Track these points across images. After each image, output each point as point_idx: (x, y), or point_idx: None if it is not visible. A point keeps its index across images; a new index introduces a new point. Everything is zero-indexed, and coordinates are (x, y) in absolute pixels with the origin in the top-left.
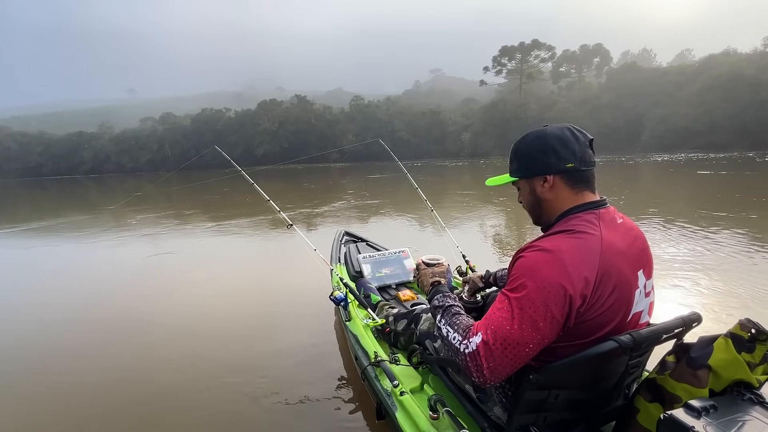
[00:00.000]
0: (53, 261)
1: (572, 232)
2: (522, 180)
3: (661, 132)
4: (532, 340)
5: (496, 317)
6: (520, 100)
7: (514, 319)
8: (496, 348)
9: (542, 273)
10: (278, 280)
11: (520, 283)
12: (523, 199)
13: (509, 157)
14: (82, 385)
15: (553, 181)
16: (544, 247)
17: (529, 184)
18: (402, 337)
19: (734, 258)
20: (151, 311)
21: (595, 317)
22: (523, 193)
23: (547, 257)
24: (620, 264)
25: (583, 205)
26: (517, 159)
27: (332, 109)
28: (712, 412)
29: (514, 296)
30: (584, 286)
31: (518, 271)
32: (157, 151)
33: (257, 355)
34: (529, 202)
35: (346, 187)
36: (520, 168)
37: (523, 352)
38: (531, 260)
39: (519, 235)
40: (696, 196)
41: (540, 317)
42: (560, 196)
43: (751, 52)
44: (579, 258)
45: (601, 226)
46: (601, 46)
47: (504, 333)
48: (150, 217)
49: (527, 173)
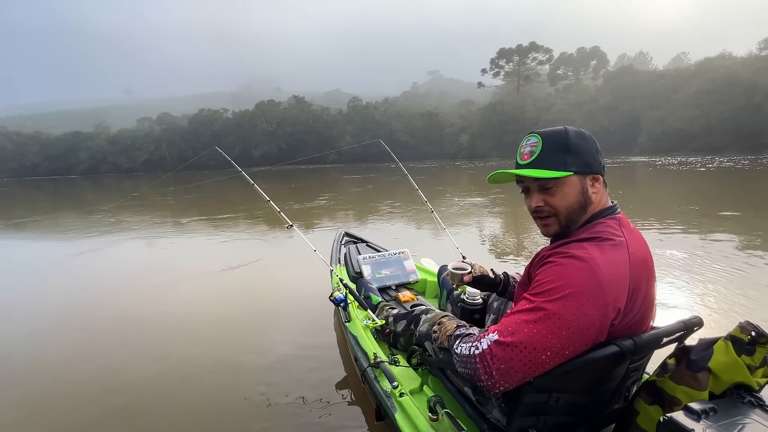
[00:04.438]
0: (54, 260)
1: (600, 239)
2: (574, 176)
3: (657, 134)
4: (550, 348)
5: (515, 319)
6: (518, 102)
7: (536, 323)
8: (512, 349)
9: (574, 282)
10: (278, 281)
11: (548, 288)
12: (563, 201)
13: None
14: (72, 388)
15: (601, 182)
16: (576, 254)
17: (581, 182)
18: (402, 338)
19: (734, 258)
20: (146, 311)
21: (626, 327)
22: (567, 192)
23: (581, 267)
24: (645, 272)
25: (606, 210)
26: (571, 152)
27: (330, 111)
28: (711, 414)
29: (539, 300)
30: (618, 299)
31: (547, 276)
32: (154, 151)
33: (256, 356)
34: (574, 204)
35: (345, 188)
36: (576, 161)
37: (539, 359)
38: (562, 267)
39: (518, 236)
40: (693, 197)
41: (564, 326)
42: (601, 200)
43: (747, 55)
44: (613, 270)
45: (624, 232)
46: (598, 48)
47: (522, 335)
48: (146, 218)
49: (584, 168)
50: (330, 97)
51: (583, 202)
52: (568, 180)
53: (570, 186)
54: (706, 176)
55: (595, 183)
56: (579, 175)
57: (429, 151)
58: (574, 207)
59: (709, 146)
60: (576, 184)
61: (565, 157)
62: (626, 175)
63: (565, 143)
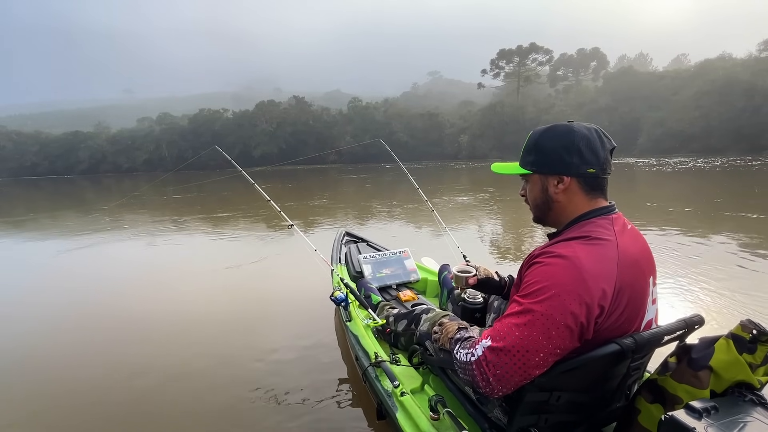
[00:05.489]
0: (53, 260)
1: (588, 238)
2: (535, 175)
3: (657, 135)
4: (542, 349)
5: (506, 323)
6: (518, 103)
7: (526, 326)
8: (505, 354)
9: (560, 281)
10: (278, 280)
11: (535, 289)
12: (530, 195)
13: (525, 145)
14: (72, 388)
15: (569, 184)
16: (561, 253)
17: (541, 181)
18: (402, 337)
19: (736, 257)
20: (146, 311)
21: (613, 327)
22: (531, 188)
23: (565, 265)
24: (635, 272)
25: (597, 210)
26: (535, 151)
27: (330, 111)
28: (713, 413)
29: (527, 302)
30: (602, 296)
31: (534, 278)
32: (154, 151)
33: (256, 355)
34: (537, 200)
35: (345, 187)
36: (536, 161)
37: (532, 361)
38: (548, 267)
39: (518, 235)
40: (693, 198)
41: (553, 326)
42: (573, 200)
43: (746, 57)
44: (598, 267)
45: (615, 231)
46: (598, 49)
47: (513, 338)
48: (145, 218)
49: (543, 169)
50: (330, 97)
51: (545, 200)
52: (531, 177)
53: (533, 183)
54: (707, 177)
55: (559, 184)
56: (540, 175)
57: (429, 151)
58: (537, 203)
59: (709, 147)
60: (537, 182)
61: (530, 156)
62: (626, 176)
63: (533, 141)
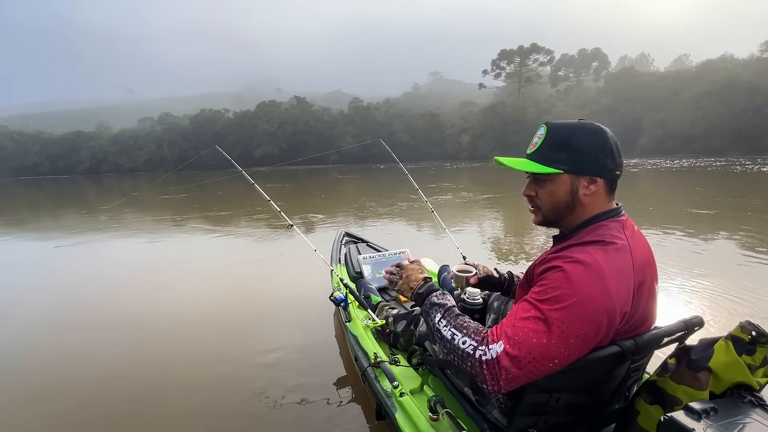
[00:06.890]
0: (53, 259)
1: (603, 243)
2: (565, 175)
3: (658, 136)
4: (558, 356)
5: (521, 327)
6: (519, 104)
7: (545, 333)
8: (520, 360)
9: (582, 289)
10: (278, 280)
11: (554, 295)
12: (549, 196)
13: (546, 141)
14: (72, 388)
15: (600, 185)
16: (581, 259)
17: (571, 182)
18: (402, 338)
19: (735, 258)
20: (146, 310)
21: (628, 330)
22: (555, 189)
23: (586, 272)
24: (647, 275)
25: (607, 213)
26: (568, 149)
27: (331, 111)
28: (712, 414)
29: (546, 308)
30: (624, 303)
31: (552, 282)
32: (155, 151)
33: (256, 356)
34: (559, 201)
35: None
36: (570, 160)
37: (546, 367)
38: (568, 273)
39: (519, 236)
40: (693, 198)
41: (573, 334)
42: (597, 202)
43: (748, 57)
44: (618, 274)
45: (627, 236)
46: (599, 50)
47: (530, 345)
48: (146, 217)
49: (578, 169)
50: (331, 97)
51: (571, 203)
52: (558, 177)
53: (559, 184)
54: (707, 177)
55: (591, 185)
56: (571, 175)
57: (430, 151)
58: (559, 205)
59: (710, 148)
60: (566, 182)
61: (561, 154)
62: (626, 175)
63: (567, 140)
